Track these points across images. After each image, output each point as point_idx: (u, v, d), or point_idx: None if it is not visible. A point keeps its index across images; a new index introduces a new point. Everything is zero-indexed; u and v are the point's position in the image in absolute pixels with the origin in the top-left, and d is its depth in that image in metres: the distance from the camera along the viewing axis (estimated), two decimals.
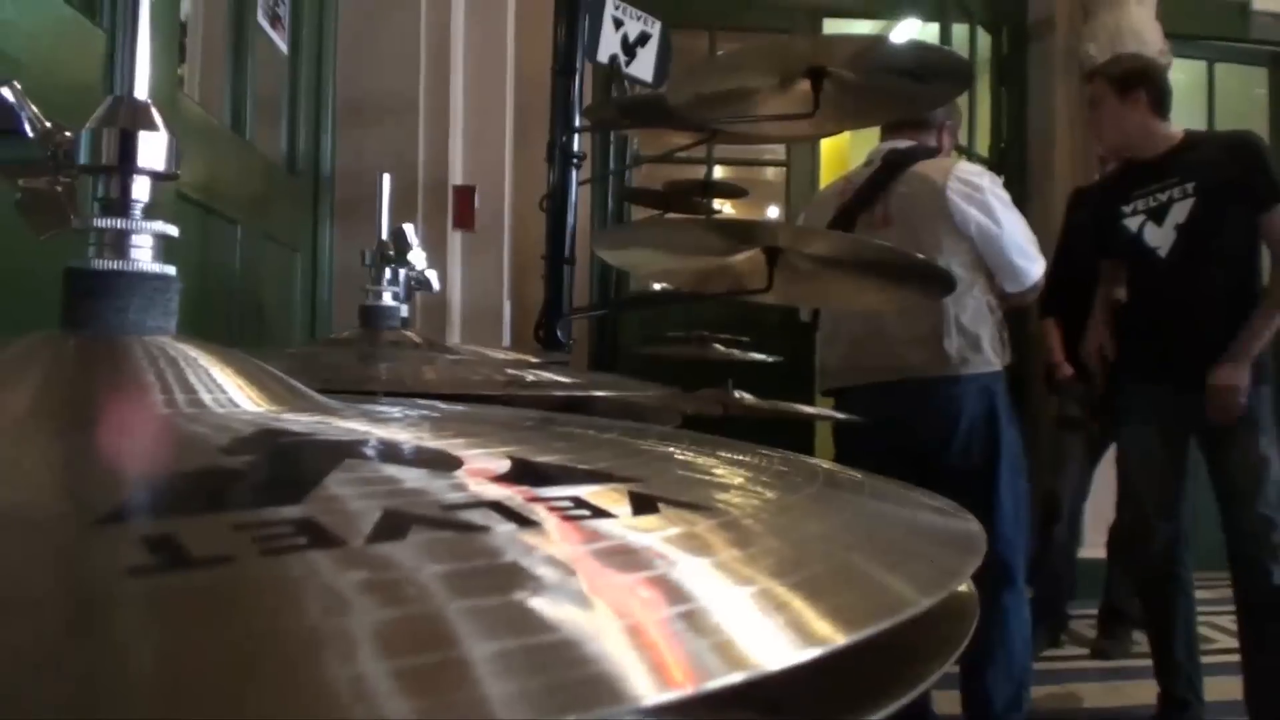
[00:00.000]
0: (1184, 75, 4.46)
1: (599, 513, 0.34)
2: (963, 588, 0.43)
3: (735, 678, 0.25)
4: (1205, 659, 2.67)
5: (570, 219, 1.91)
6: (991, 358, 2.32)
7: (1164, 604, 2.64)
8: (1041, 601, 3.24)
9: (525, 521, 0.32)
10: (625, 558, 0.31)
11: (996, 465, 2.31)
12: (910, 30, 4.88)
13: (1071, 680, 3.13)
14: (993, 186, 2.34)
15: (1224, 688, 2.65)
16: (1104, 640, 3.42)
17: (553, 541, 0.31)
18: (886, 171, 2.40)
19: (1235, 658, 2.57)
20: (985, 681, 2.27)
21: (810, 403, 2.25)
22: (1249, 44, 4.65)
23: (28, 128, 0.51)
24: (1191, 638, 2.64)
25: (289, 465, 0.39)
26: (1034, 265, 2.36)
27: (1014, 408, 2.41)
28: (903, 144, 2.45)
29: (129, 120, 0.50)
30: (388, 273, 1.30)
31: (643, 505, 0.35)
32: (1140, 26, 4.14)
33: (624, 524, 0.34)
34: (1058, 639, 3.48)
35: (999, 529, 2.24)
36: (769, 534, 0.37)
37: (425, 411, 0.55)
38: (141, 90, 0.51)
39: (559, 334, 1.90)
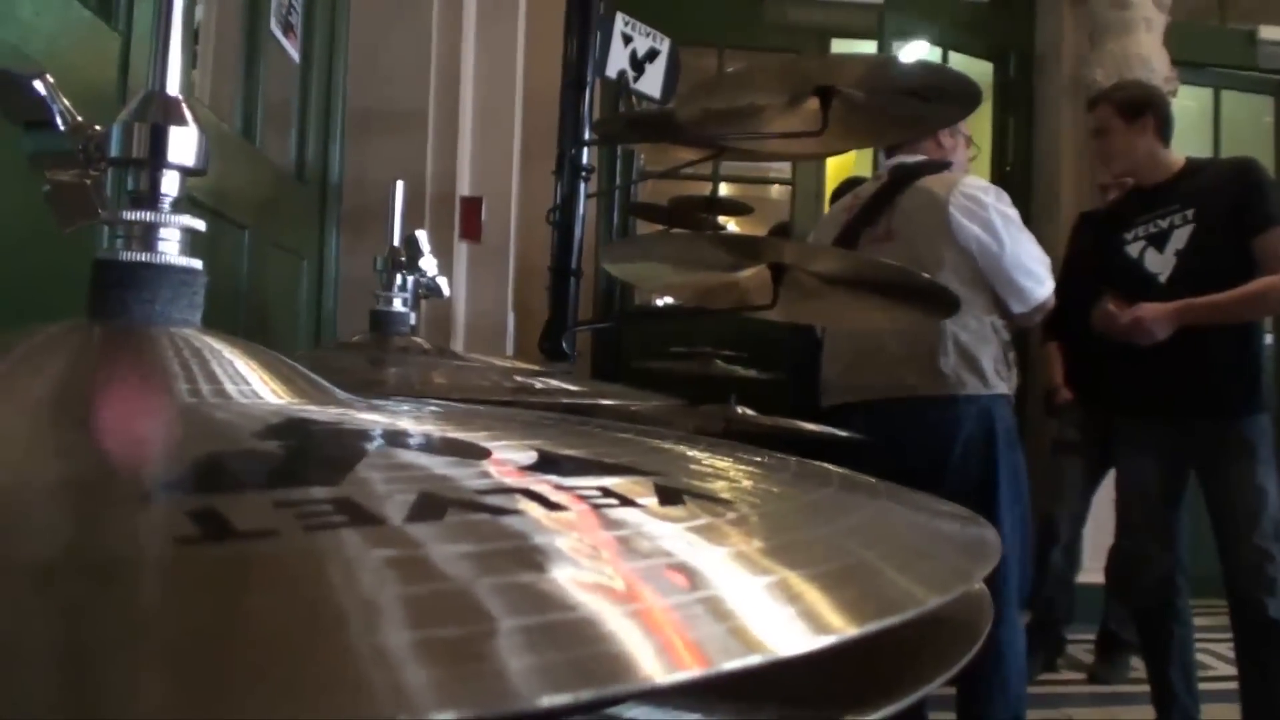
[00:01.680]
0: (1190, 103, 4.48)
1: (626, 502, 0.34)
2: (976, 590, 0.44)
3: (747, 661, 0.26)
4: (1203, 685, 2.66)
5: (578, 231, 1.91)
6: (993, 380, 2.27)
7: (1161, 633, 2.63)
8: (1038, 626, 3.24)
9: (555, 507, 0.33)
10: (650, 544, 0.31)
11: (994, 491, 2.25)
12: (911, 55, 4.90)
13: (1068, 705, 3.12)
14: (997, 203, 2.28)
15: (1221, 715, 2.65)
16: (1101, 665, 3.42)
17: (580, 527, 0.32)
18: (893, 186, 2.38)
19: (1233, 685, 2.57)
20: (981, 709, 2.25)
21: (813, 420, 2.24)
22: (1256, 72, 4.68)
23: (59, 120, 0.51)
24: (1188, 666, 2.62)
25: (322, 450, 0.39)
26: (1040, 286, 2.29)
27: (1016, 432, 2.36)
28: (910, 158, 2.43)
29: (161, 115, 0.51)
30: (398, 279, 1.30)
31: (669, 497, 0.36)
32: (1147, 54, 4.16)
33: (650, 513, 0.34)
34: (1054, 663, 3.47)
35: None
36: (787, 529, 0.37)
37: (444, 409, 0.55)
38: (173, 86, 0.52)
39: (564, 346, 1.90)
